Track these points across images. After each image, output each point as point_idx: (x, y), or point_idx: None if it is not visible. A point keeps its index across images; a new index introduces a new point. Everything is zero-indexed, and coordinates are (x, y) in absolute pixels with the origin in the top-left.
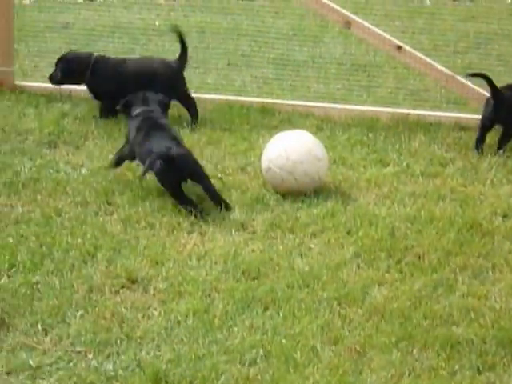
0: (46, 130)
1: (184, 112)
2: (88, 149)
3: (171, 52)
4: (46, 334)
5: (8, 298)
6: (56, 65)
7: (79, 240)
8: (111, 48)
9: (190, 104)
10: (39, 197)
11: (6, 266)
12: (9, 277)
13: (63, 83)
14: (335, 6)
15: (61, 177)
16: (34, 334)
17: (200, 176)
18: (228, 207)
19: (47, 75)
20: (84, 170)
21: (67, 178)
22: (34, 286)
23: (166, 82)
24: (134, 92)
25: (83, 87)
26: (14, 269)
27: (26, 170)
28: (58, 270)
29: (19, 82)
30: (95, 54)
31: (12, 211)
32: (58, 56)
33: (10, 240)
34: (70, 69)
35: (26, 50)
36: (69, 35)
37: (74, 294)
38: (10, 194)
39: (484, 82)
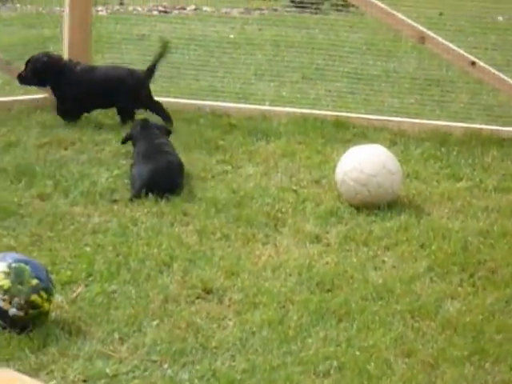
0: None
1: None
2: None
3: (246, 64)
4: (123, 343)
5: (85, 307)
6: (26, 65)
7: (155, 250)
8: (186, 60)
9: (158, 109)
10: (116, 207)
11: (84, 275)
12: (86, 286)
13: (31, 84)
14: (410, 22)
15: None
16: (111, 343)
17: None
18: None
19: None
20: None
21: None
22: (111, 295)
23: (129, 91)
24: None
25: None
26: (90, 278)
27: (103, 180)
28: (134, 279)
29: None
30: (66, 58)
31: (89, 221)
32: (134, 67)
33: (87, 249)
34: (38, 70)
35: (103, 61)
36: (144, 47)
37: (149, 303)
38: (87, 204)
39: None
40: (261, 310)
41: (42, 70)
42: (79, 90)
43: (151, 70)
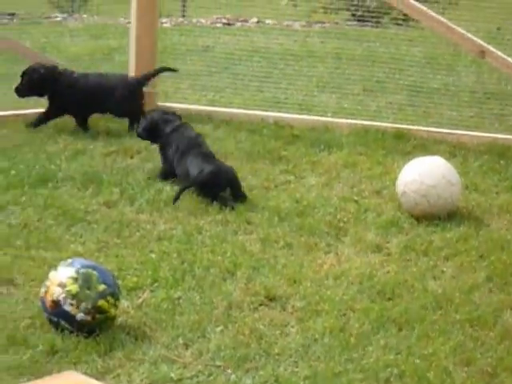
0: None
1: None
2: None
3: (308, 76)
4: (187, 348)
5: (151, 313)
6: (21, 77)
7: (219, 257)
8: (250, 71)
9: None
10: (180, 214)
11: (149, 281)
12: (151, 291)
13: (29, 95)
14: (470, 36)
15: (201, 196)
16: (176, 348)
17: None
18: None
19: (188, 97)
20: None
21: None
22: (176, 301)
23: (121, 98)
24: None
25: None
26: (156, 284)
27: (168, 188)
28: (199, 286)
29: (161, 103)
30: (59, 67)
31: (154, 228)
32: (198, 78)
33: (153, 256)
34: (35, 81)
35: (168, 72)
36: (209, 58)
37: (213, 309)
38: (153, 212)
39: None
40: (323, 318)
41: (38, 81)
42: (76, 97)
43: (146, 79)
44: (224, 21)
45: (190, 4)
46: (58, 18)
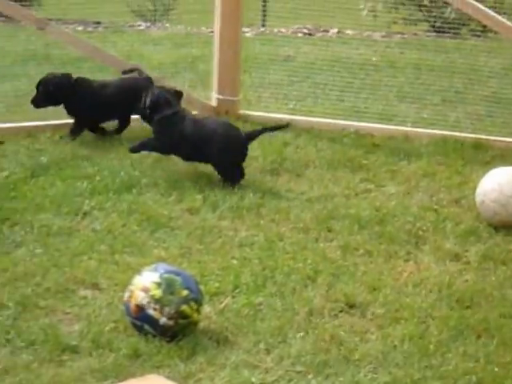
0: (269, 158)
1: None
2: (308, 177)
3: (388, 86)
4: (268, 354)
5: (232, 318)
6: (37, 88)
7: (300, 264)
8: (331, 81)
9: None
10: (262, 222)
11: (231, 286)
12: (233, 297)
13: (46, 105)
14: None
15: (283, 203)
16: (257, 353)
17: None
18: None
19: (270, 106)
20: (305, 198)
21: (289, 204)
22: (257, 307)
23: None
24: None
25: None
26: (237, 290)
27: (250, 195)
28: (280, 292)
29: (244, 111)
30: (75, 76)
31: (236, 235)
32: (280, 87)
33: (235, 262)
34: (51, 91)
35: (250, 81)
36: (290, 67)
37: (294, 316)
38: (235, 218)
39: None
40: (402, 325)
41: (54, 91)
42: (93, 103)
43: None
44: (305, 31)
45: (270, 13)
46: (142, 27)
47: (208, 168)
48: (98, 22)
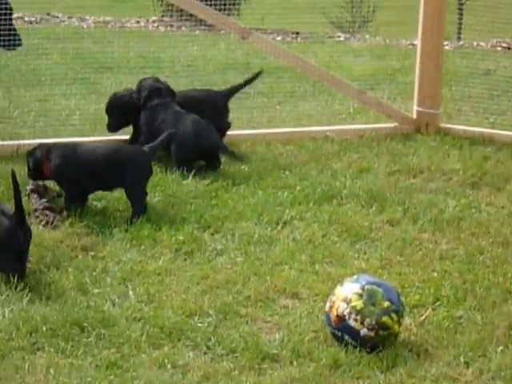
0: (469, 172)
1: None
2: (509, 191)
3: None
4: (468, 367)
5: (432, 330)
6: (107, 113)
7: (500, 278)
8: None
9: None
10: (462, 235)
11: (431, 299)
12: (433, 310)
13: (121, 127)
14: None
15: (483, 217)
16: (457, 366)
17: None
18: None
19: (470, 119)
20: (505, 212)
21: (489, 218)
22: (457, 320)
23: (211, 111)
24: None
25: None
26: (438, 302)
27: (451, 208)
28: (480, 306)
29: (444, 125)
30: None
31: (437, 247)
32: (480, 101)
33: (435, 275)
34: (124, 113)
35: (450, 94)
36: (490, 81)
37: (494, 330)
38: (435, 231)
39: None
40: None
41: (126, 112)
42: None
43: (232, 92)
44: (504, 45)
45: (466, 27)
46: (341, 38)
47: (410, 180)
48: (297, 33)
